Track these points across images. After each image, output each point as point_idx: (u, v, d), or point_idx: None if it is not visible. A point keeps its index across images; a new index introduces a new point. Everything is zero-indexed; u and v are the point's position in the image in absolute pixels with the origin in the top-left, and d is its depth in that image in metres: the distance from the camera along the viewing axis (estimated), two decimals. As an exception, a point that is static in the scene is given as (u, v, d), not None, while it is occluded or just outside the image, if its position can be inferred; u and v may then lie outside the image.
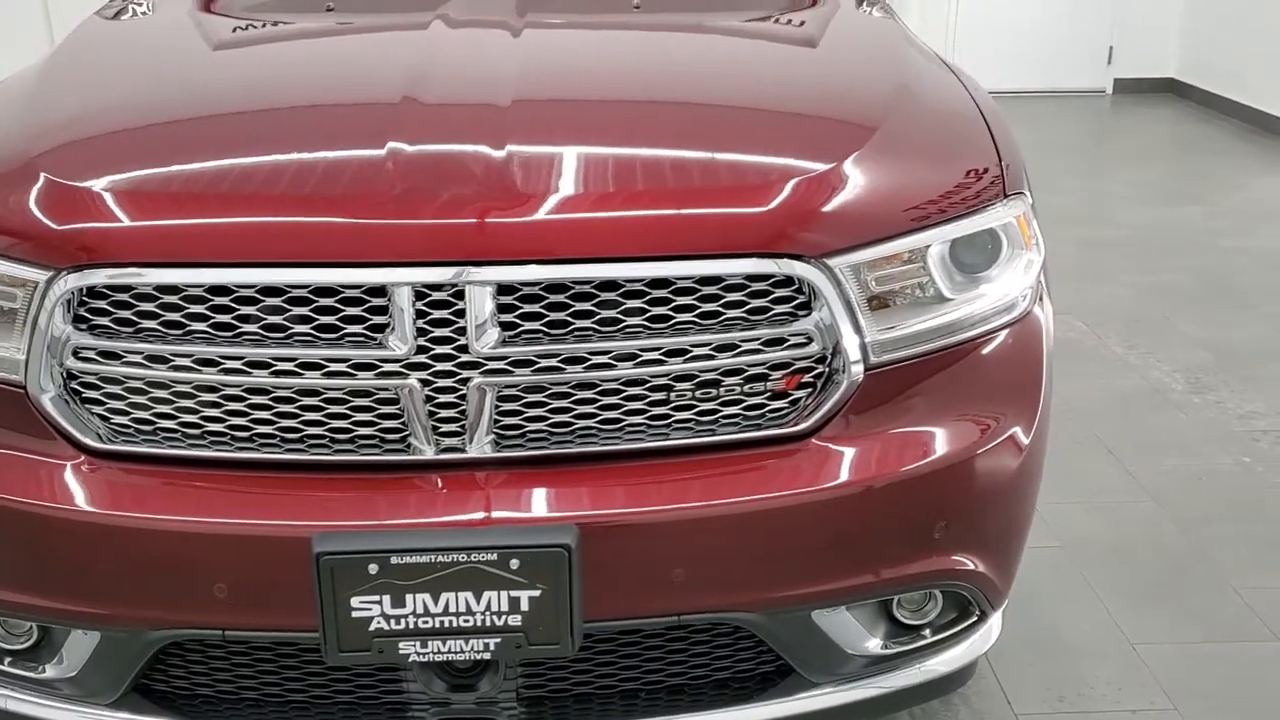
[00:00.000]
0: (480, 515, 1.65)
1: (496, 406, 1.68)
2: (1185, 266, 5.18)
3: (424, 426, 1.67)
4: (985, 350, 1.87)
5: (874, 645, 1.88)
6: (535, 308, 1.66)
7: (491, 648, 1.66)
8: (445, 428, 1.69)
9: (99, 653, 1.76)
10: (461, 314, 1.63)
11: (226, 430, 1.71)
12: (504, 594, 1.63)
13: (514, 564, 1.62)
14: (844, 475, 1.74)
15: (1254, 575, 2.87)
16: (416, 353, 1.64)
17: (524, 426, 1.71)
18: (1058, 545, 2.99)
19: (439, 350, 1.64)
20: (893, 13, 2.68)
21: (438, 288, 1.62)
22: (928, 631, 1.92)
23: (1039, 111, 8.53)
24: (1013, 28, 9.03)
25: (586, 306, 1.66)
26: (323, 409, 1.69)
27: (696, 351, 1.69)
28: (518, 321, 1.66)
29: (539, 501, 1.67)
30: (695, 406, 1.73)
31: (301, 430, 1.70)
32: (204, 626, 1.72)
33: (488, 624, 1.65)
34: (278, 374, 1.66)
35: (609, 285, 1.66)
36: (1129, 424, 3.68)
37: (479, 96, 1.92)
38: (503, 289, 1.64)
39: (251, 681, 1.84)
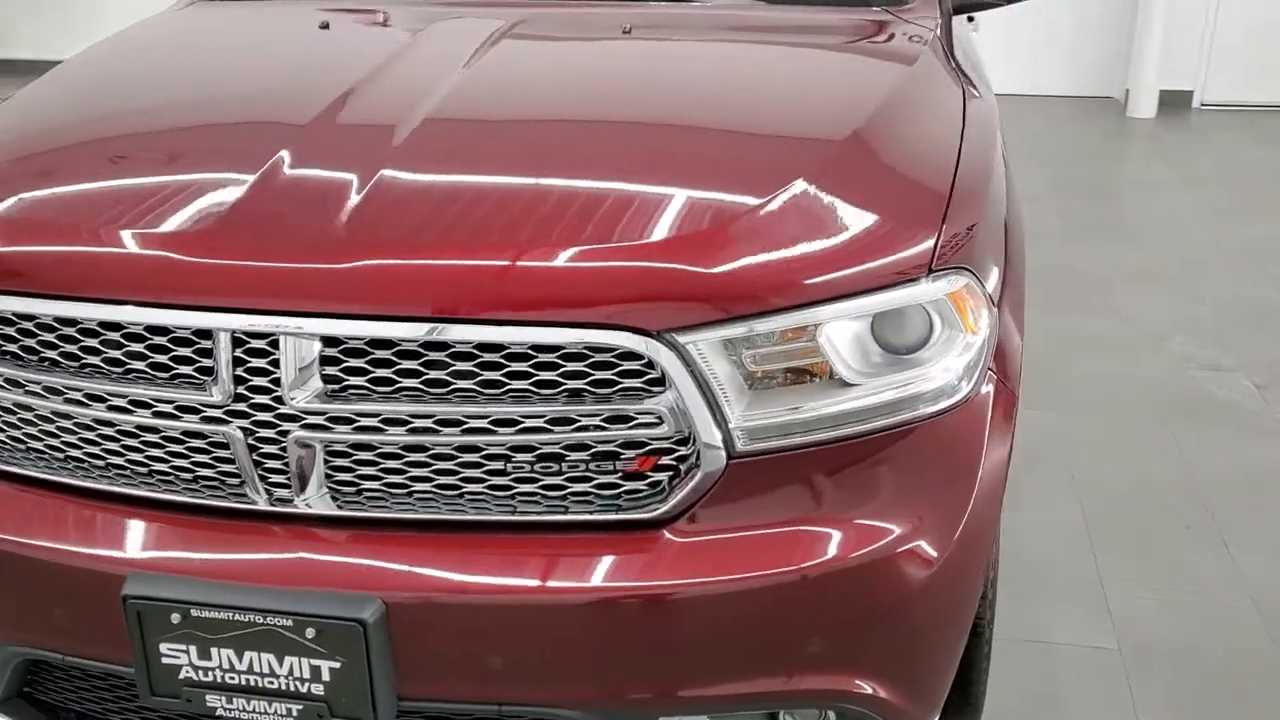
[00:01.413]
0: (281, 577, 1.57)
1: (328, 461, 1.60)
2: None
3: (251, 476, 1.61)
4: (902, 444, 1.64)
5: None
6: (360, 363, 1.56)
7: (295, 714, 1.59)
8: (277, 478, 1.62)
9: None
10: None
11: (85, 458, 1.70)
12: (305, 661, 1.56)
13: (309, 633, 1.54)
14: (693, 572, 1.56)
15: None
16: (235, 400, 1.57)
17: (360, 484, 1.62)
18: (1111, 648, 2.65)
19: (258, 400, 1.57)
20: (941, 31, 2.42)
21: (257, 335, 1.55)
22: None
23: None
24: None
25: (414, 366, 1.55)
26: (164, 447, 1.65)
27: (528, 424, 1.56)
28: (342, 376, 1.57)
29: (345, 570, 1.58)
30: (539, 480, 1.60)
31: (149, 466, 1.67)
32: (47, 649, 1.72)
33: (291, 689, 1.58)
34: (114, 409, 1.63)
35: (438, 345, 1.54)
36: (1259, 509, 3.23)
37: (385, 117, 1.84)
38: (328, 340, 1.55)
39: (113, 703, 1.84)
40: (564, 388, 1.55)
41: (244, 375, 1.57)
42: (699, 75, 2.18)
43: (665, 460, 1.58)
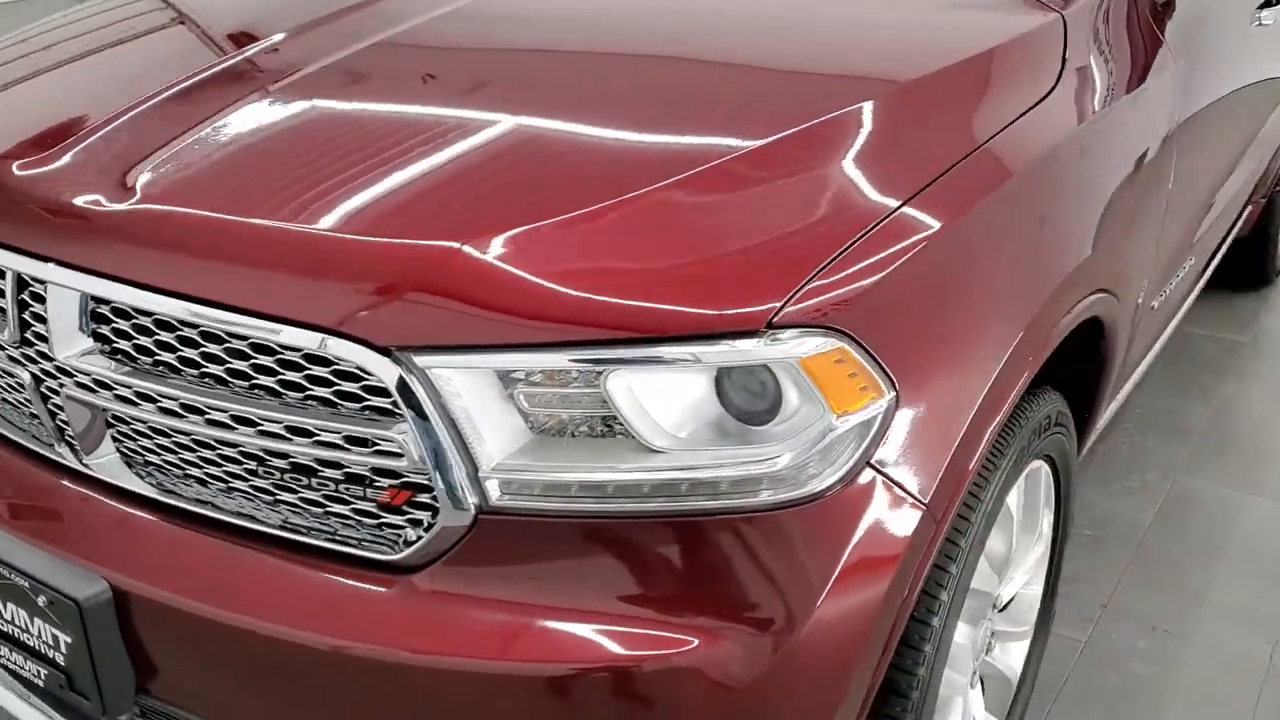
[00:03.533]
0: (37, 534, 1.49)
1: (112, 426, 1.50)
2: None
3: (49, 426, 1.54)
4: (719, 536, 1.31)
5: None
6: (126, 325, 1.44)
7: (42, 676, 1.52)
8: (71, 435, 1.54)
9: None
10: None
11: None
12: (46, 627, 1.48)
13: (42, 600, 1.45)
14: (397, 637, 1.32)
15: None
16: (21, 345, 1.50)
17: (146, 459, 1.50)
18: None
19: (39, 347, 1.49)
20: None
21: (35, 280, 1.46)
22: None
23: None
24: None
25: (169, 340, 1.41)
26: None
27: (266, 427, 1.37)
28: (111, 337, 1.45)
29: (83, 544, 1.47)
30: (297, 492, 1.41)
31: None
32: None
33: (40, 651, 1.51)
34: None
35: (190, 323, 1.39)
36: None
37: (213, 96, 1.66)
38: (101, 300, 1.44)
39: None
40: (306, 393, 1.34)
41: (28, 320, 1.49)
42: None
43: (423, 498, 1.34)
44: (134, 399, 1.44)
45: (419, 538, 1.33)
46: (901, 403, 1.34)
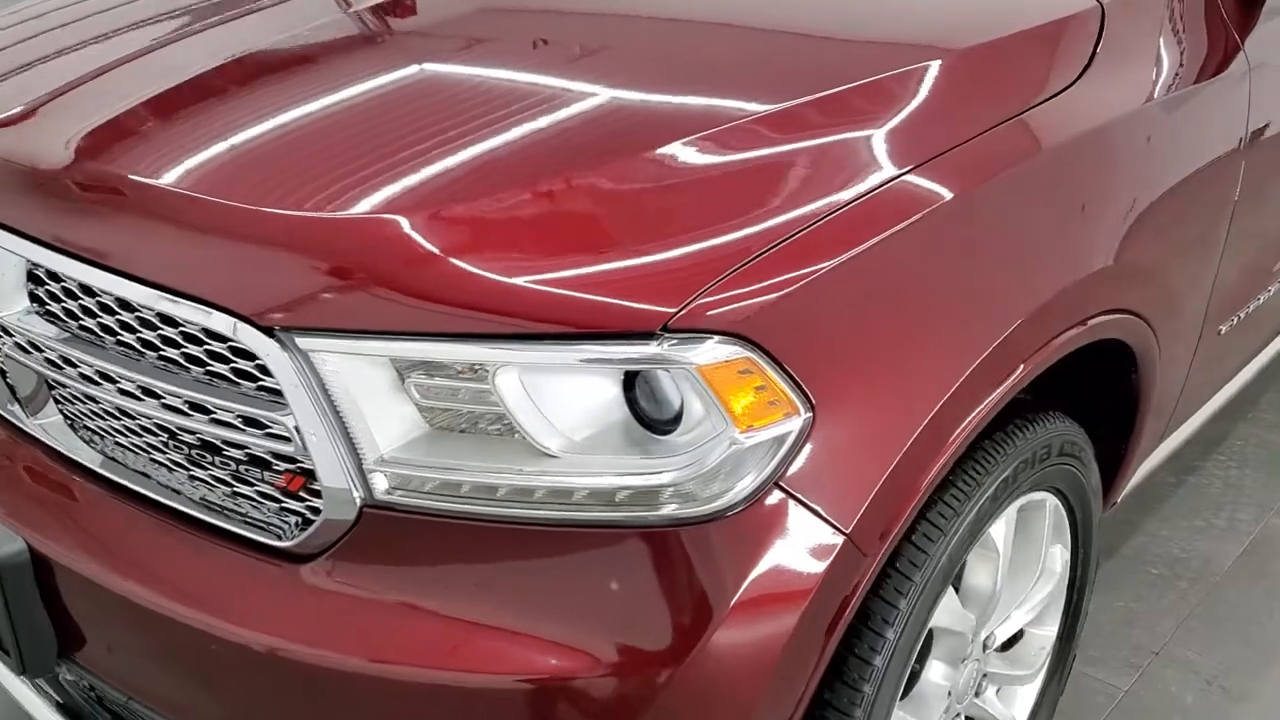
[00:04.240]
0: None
1: (53, 389, 1.50)
2: None
3: (1, 385, 1.56)
4: (611, 549, 1.23)
5: None
6: (56, 289, 1.43)
7: (-23, 621, 1.54)
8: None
9: None
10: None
11: None
12: (-26, 576, 1.49)
13: (-34, 551, 1.46)
14: (282, 626, 1.28)
15: None
16: None
17: (87, 424, 1.51)
18: None
19: (-12, 306, 1.51)
20: None
21: None
22: None
23: None
24: None
25: (90, 305, 1.40)
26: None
27: (169, 400, 1.34)
28: (45, 299, 1.45)
29: (10, 502, 1.48)
30: (207, 470, 1.38)
31: None
32: None
33: (-28, 598, 1.53)
34: None
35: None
36: None
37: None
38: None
39: None
40: (209, 369, 1.31)
41: (-20, 279, 1.51)
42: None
43: (317, 485, 1.30)
44: (59, 363, 1.44)
45: (299, 529, 1.29)
46: (820, 422, 1.22)
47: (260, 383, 1.28)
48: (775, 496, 1.22)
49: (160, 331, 1.33)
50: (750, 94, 1.41)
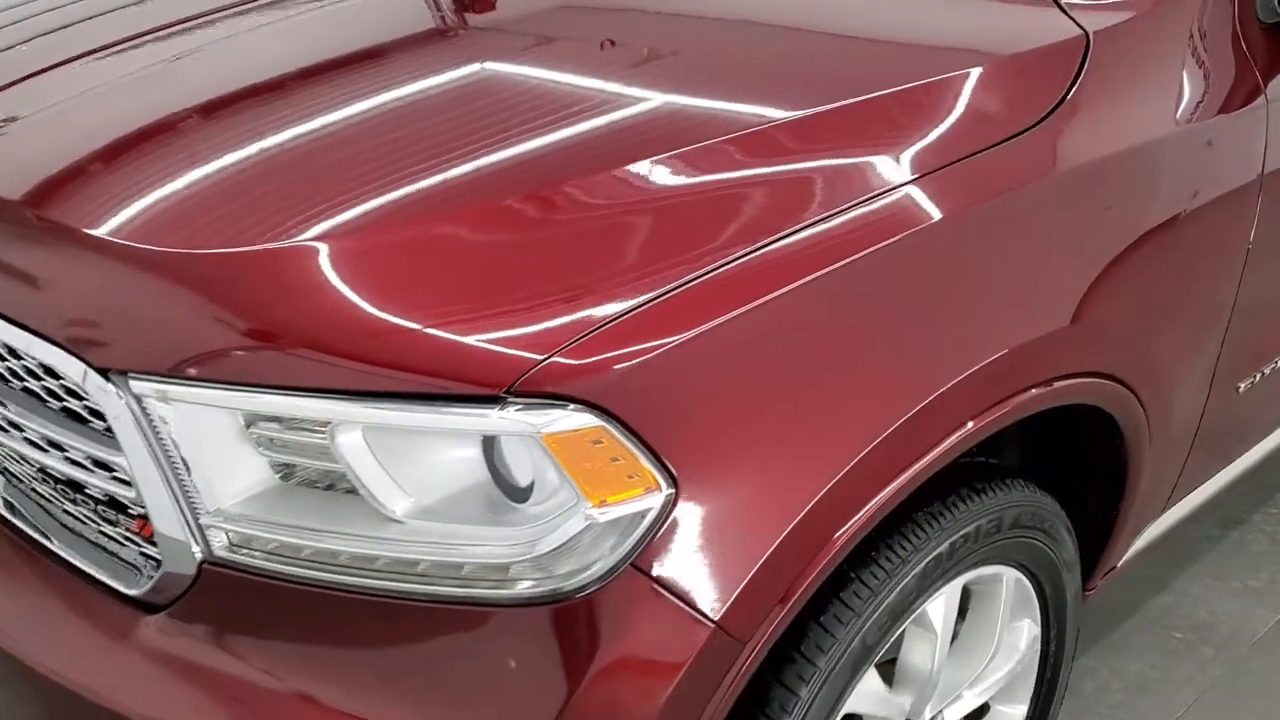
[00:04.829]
0: None
1: None
2: None
3: None
4: (465, 626, 1.14)
5: None
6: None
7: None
8: None
9: None
10: None
11: None
12: None
13: None
14: (104, 675, 1.22)
15: None
16: None
17: None
18: None
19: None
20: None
21: None
22: None
23: None
24: None
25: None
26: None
27: (29, 434, 1.29)
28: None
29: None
30: (79, 506, 1.33)
31: None
32: None
33: None
34: None
35: None
36: None
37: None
38: None
39: None
40: (64, 405, 1.25)
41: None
42: None
43: (171, 532, 1.23)
44: None
45: (149, 577, 1.22)
46: (686, 498, 1.11)
47: (99, 423, 1.21)
48: (631, 580, 1.11)
49: (22, 362, 1.28)
50: (652, 139, 1.30)
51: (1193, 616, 2.38)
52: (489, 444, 1.11)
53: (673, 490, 1.10)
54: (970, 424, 1.30)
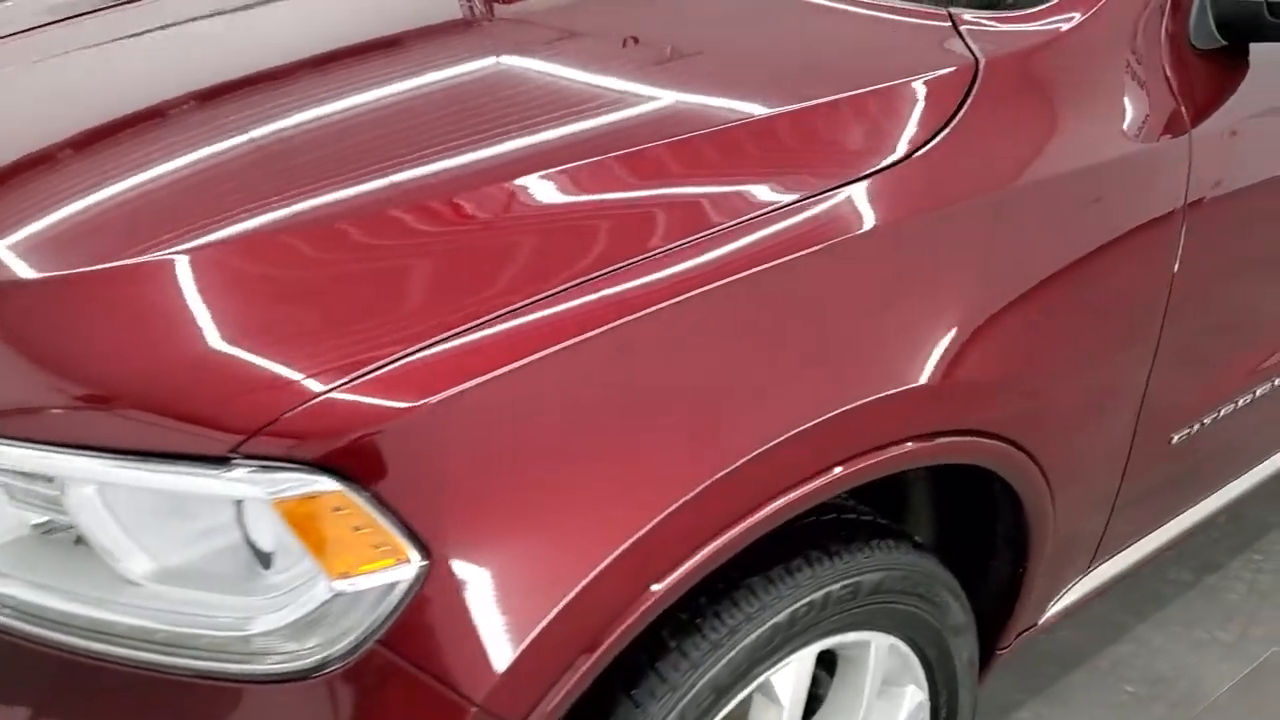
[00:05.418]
0: None
1: None
2: None
3: None
4: (207, 705, 1.05)
5: None
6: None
7: None
8: None
9: None
10: None
11: None
12: None
13: None
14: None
15: None
16: None
17: None
18: None
19: None
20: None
21: None
22: None
23: None
24: None
25: None
26: None
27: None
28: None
29: None
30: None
31: None
32: None
33: None
34: None
35: None
36: None
37: None
38: None
39: None
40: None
41: None
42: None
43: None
44: None
45: None
46: (445, 569, 1.01)
47: None
48: (385, 654, 1.01)
49: None
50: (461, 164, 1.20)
51: (1150, 669, 2.23)
52: (240, 504, 1.03)
53: (425, 562, 1.00)
54: (811, 483, 1.19)
